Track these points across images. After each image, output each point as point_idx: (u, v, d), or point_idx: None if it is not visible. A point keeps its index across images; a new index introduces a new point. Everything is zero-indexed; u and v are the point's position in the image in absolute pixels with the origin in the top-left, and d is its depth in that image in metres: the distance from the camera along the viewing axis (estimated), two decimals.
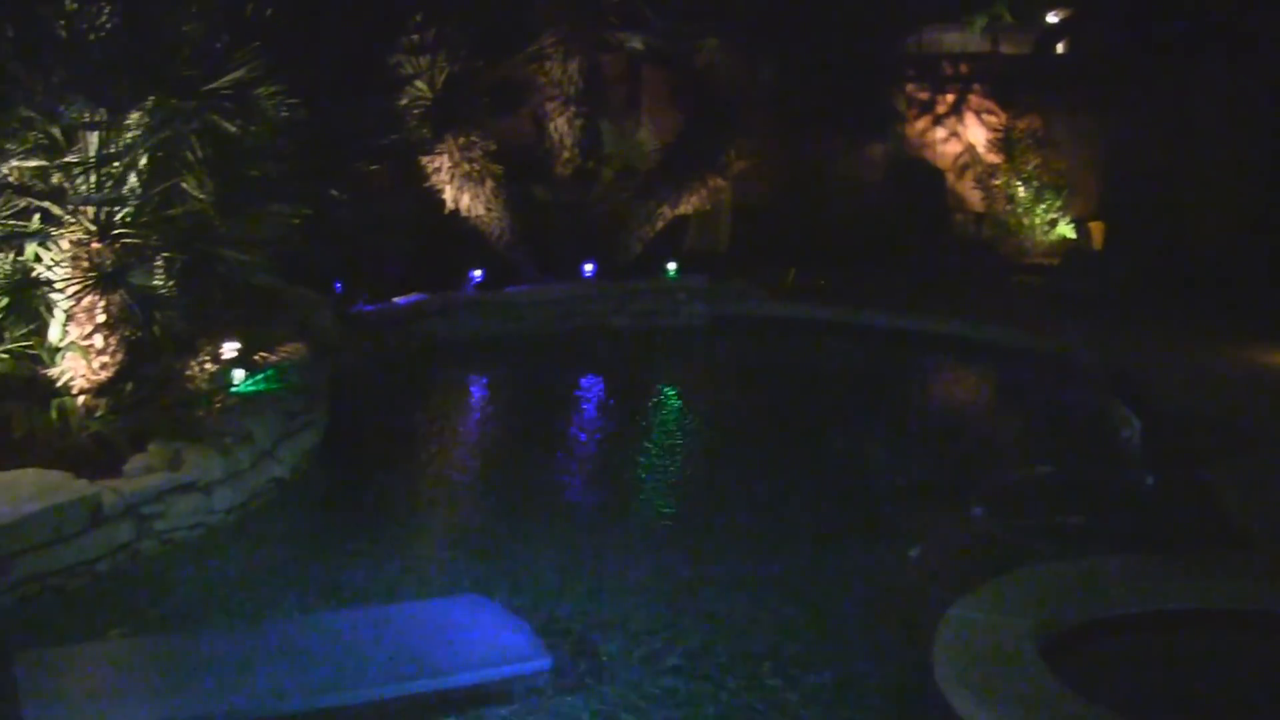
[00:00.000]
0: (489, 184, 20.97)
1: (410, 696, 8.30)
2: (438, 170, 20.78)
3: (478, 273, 21.00)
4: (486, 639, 8.93)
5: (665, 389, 18.83)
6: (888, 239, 25.51)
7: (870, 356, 20.70)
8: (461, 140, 20.55)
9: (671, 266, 22.28)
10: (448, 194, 20.90)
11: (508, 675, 8.56)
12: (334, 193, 14.66)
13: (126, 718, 7.79)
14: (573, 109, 21.90)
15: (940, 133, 28.24)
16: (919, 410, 18.13)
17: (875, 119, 25.29)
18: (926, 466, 14.55)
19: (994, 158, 27.69)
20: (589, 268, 21.81)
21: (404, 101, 19.42)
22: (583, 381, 19.41)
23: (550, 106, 21.93)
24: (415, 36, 19.70)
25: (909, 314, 21.46)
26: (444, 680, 8.41)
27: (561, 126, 22.00)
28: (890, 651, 9.38)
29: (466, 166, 20.73)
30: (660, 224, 22.75)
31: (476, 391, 19.24)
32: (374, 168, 17.48)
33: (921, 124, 28.21)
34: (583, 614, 9.96)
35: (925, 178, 27.53)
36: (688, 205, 22.72)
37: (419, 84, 19.72)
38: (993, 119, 27.89)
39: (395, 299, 19.68)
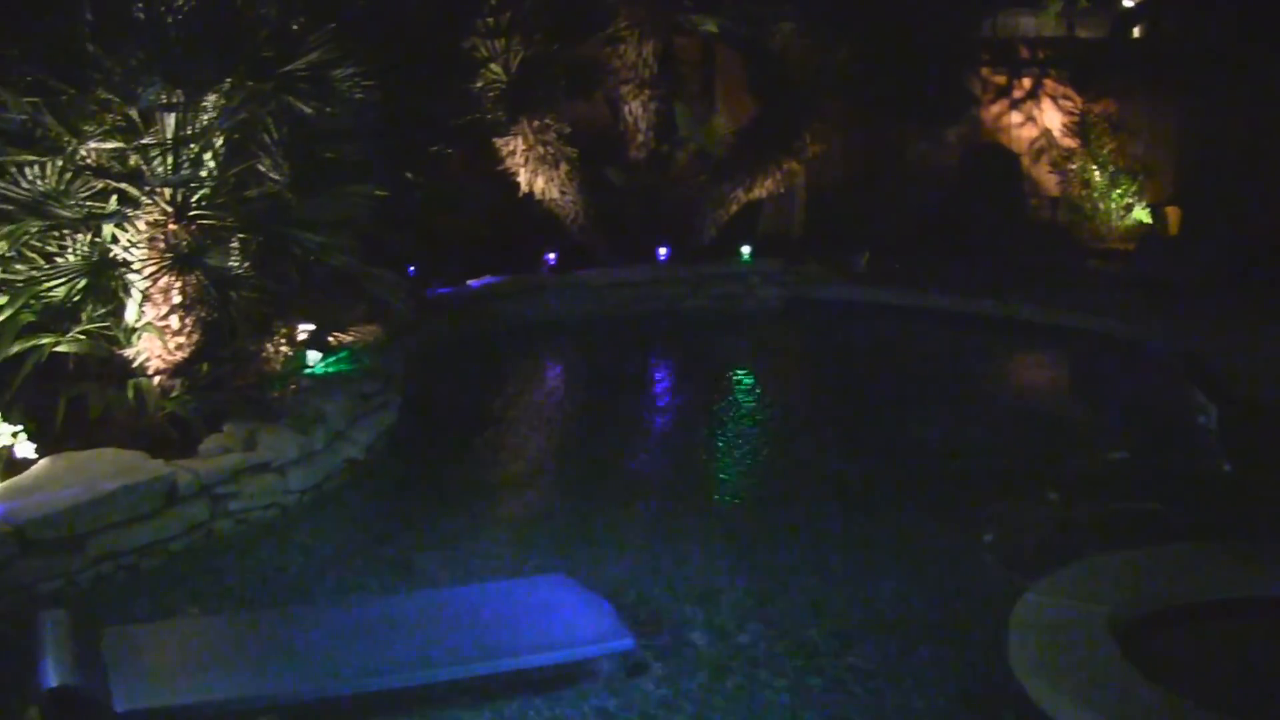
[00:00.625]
0: (563, 167, 20.97)
1: (495, 675, 8.33)
2: (512, 153, 20.79)
3: (552, 256, 21.04)
4: (569, 618, 8.96)
5: (741, 372, 18.75)
6: (962, 223, 25.35)
7: (945, 341, 20.57)
8: (536, 123, 20.54)
9: (745, 250, 22.22)
10: (522, 177, 20.90)
11: (591, 655, 8.59)
12: (409, 175, 14.70)
13: (214, 694, 7.84)
14: (647, 92, 21.84)
15: (1016, 117, 28.04)
16: (994, 395, 17.98)
17: (951, 103, 25.06)
18: (1000, 451, 14.46)
19: (1070, 142, 27.46)
20: (663, 251, 21.76)
21: (479, 84, 19.42)
22: (658, 364, 19.42)
23: (625, 90, 21.87)
24: (490, 20, 19.69)
25: (983, 299, 21.29)
26: (528, 659, 8.45)
27: (636, 110, 21.96)
28: (964, 636, 9.32)
29: (541, 149, 20.73)
30: (734, 207, 22.66)
31: (551, 373, 19.25)
32: (449, 151, 17.49)
33: (997, 108, 28.00)
34: (666, 594, 9.97)
35: (1001, 162, 27.30)
36: (762, 189, 22.61)
37: (494, 67, 19.70)
38: (1069, 103, 27.67)
39: (469, 281, 19.74)
